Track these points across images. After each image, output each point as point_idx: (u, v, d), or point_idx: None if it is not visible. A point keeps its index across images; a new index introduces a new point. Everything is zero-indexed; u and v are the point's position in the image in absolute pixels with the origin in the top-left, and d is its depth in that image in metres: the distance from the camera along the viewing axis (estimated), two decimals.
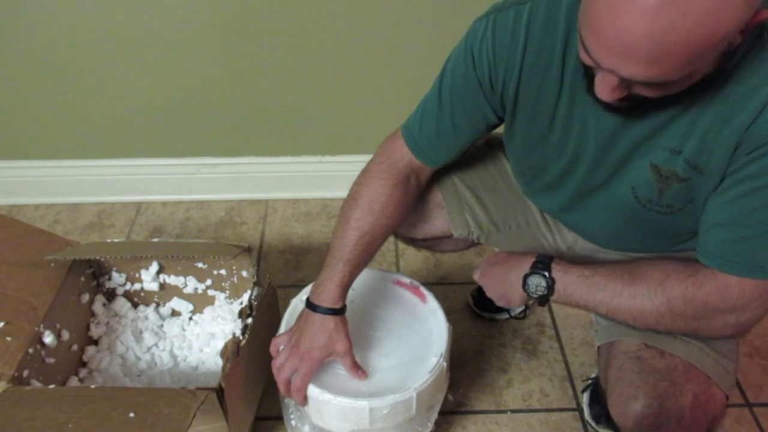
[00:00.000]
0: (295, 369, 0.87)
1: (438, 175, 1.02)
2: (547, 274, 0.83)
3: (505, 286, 0.89)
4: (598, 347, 0.93)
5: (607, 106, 0.69)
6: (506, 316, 1.32)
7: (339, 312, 0.88)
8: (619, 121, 0.74)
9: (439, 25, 1.35)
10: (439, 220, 1.04)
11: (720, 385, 0.81)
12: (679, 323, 0.76)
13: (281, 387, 0.88)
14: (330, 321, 0.86)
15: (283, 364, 0.87)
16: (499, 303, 0.92)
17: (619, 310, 0.78)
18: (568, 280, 0.82)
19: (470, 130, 0.89)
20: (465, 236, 1.04)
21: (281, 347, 0.90)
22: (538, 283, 0.83)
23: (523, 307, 1.32)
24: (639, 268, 0.79)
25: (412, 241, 1.11)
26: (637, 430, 0.80)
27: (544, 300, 0.84)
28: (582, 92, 0.73)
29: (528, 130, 0.85)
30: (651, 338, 0.83)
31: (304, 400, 0.88)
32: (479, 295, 1.33)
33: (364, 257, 0.90)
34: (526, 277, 0.84)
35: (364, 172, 0.93)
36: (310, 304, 0.88)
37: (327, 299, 0.87)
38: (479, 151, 1.06)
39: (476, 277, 0.95)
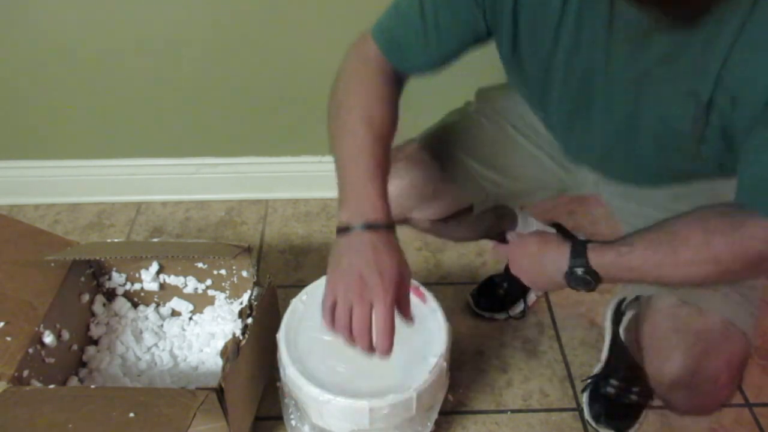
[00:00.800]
0: (369, 311, 0.70)
1: (440, 154, 0.99)
2: (586, 266, 0.77)
3: (540, 272, 0.85)
4: (623, 301, 0.91)
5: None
6: (505, 315, 1.32)
7: (393, 227, 0.74)
8: (639, 37, 0.67)
9: None
10: (451, 195, 0.98)
11: (752, 338, 0.79)
12: (726, 278, 0.73)
13: (362, 341, 0.71)
14: (392, 236, 0.72)
15: (352, 311, 0.70)
16: (529, 284, 0.89)
17: (666, 280, 0.74)
18: (607, 265, 0.77)
19: (456, 35, 0.79)
20: (483, 200, 1.00)
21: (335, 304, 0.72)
22: (581, 279, 0.78)
23: (522, 307, 1.33)
24: (678, 231, 0.73)
25: (430, 226, 1.05)
26: (673, 389, 0.79)
27: (589, 289, 0.80)
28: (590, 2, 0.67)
29: (531, 48, 0.77)
30: (687, 294, 0.80)
31: (391, 339, 0.71)
32: (479, 294, 1.33)
33: (388, 164, 0.78)
34: (568, 275, 0.80)
35: (342, 79, 0.83)
36: (352, 228, 0.72)
37: (378, 212, 0.72)
38: (475, 121, 1.02)
39: (507, 251, 0.90)
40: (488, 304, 1.32)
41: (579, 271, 0.78)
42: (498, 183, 1.02)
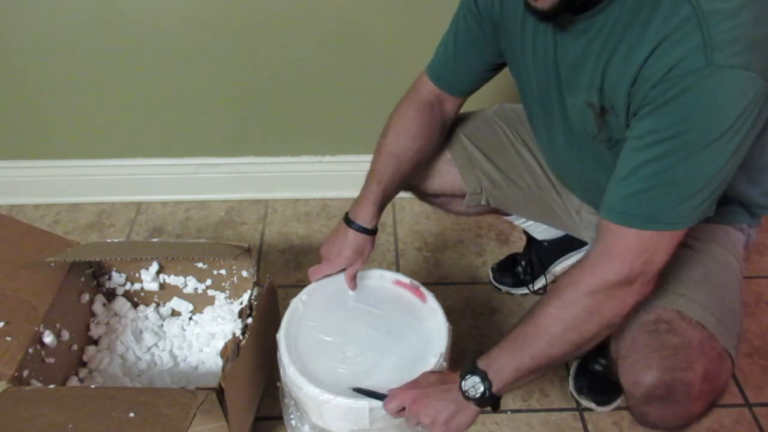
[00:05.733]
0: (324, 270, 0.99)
1: (447, 136, 1.08)
2: (473, 367, 0.82)
3: (449, 404, 0.83)
4: None
5: (536, 13, 0.72)
6: (525, 291, 1.36)
7: (370, 232, 0.97)
8: (555, 46, 0.79)
9: (438, 25, 1.34)
10: (449, 177, 1.09)
11: (732, 355, 0.80)
12: (595, 320, 0.76)
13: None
14: (360, 238, 0.96)
15: (316, 270, 1.00)
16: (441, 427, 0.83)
17: (549, 358, 0.79)
18: (492, 361, 0.81)
19: (480, 58, 0.95)
20: (477, 192, 1.09)
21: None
22: (474, 383, 0.81)
23: (544, 283, 1.36)
24: (535, 314, 0.79)
25: (425, 196, 1.15)
26: (647, 399, 0.80)
27: (493, 400, 0.82)
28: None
29: (512, 62, 0.91)
30: (669, 301, 0.82)
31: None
32: (500, 270, 1.39)
33: (396, 179, 0.98)
34: (460, 385, 0.82)
35: (395, 108, 1.02)
36: (347, 219, 0.97)
37: (362, 218, 0.96)
38: (489, 121, 1.11)
39: (404, 405, 0.85)
40: (510, 282, 1.38)
41: (470, 376, 0.81)
42: (495, 182, 1.09)
